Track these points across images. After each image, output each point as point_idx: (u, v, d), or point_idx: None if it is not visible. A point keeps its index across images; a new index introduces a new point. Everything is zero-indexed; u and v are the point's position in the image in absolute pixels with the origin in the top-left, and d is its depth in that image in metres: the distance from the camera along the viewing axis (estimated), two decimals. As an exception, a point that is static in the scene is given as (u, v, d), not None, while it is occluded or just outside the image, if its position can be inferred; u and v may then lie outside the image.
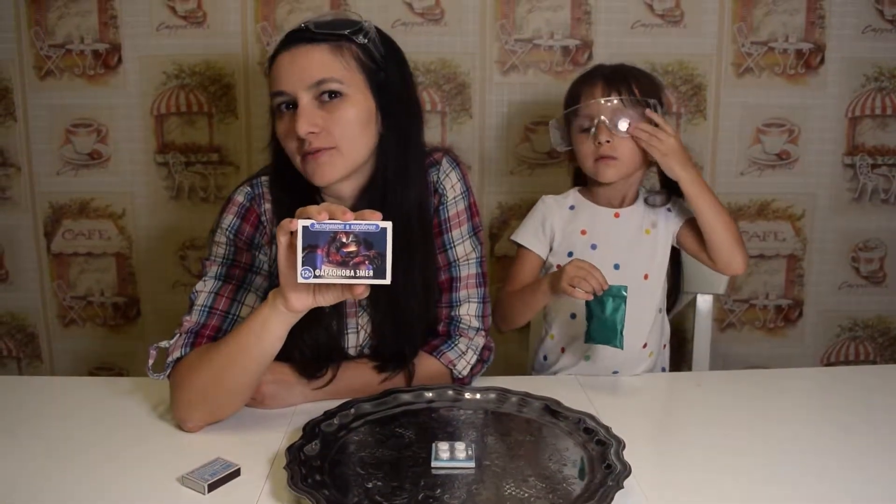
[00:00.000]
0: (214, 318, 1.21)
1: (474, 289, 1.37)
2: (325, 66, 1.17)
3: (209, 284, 1.23)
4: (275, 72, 1.19)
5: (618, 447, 1.03)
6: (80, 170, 1.99)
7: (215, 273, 1.24)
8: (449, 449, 1.02)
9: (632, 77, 1.43)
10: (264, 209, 1.27)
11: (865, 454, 1.09)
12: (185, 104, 1.95)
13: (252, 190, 1.28)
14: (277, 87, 1.19)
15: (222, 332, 1.20)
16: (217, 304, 1.22)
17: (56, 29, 1.91)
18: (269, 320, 1.06)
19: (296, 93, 1.17)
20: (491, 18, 1.91)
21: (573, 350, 1.49)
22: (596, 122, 1.40)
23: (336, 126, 1.18)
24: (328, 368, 1.24)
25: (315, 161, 1.18)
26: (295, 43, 1.18)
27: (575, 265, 1.29)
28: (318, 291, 1.03)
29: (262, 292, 1.25)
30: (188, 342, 1.18)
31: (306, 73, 1.16)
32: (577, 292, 1.27)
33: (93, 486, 1.00)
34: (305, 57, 1.17)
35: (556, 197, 1.54)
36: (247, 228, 1.26)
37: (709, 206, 1.39)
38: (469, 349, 1.34)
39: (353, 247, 0.94)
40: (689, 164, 1.39)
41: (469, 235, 1.36)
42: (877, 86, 1.97)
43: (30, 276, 2.06)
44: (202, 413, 1.14)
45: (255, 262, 1.25)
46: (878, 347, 2.13)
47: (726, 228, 1.40)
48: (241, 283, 1.23)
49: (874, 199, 2.04)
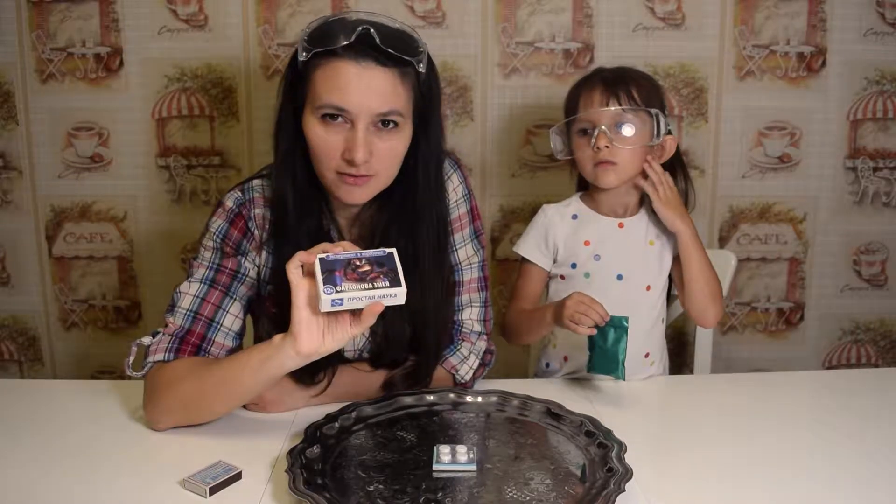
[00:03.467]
0: (199, 324, 1.20)
1: (476, 293, 1.36)
2: (395, 97, 1.13)
3: (194, 288, 1.22)
4: (333, 80, 1.12)
5: (619, 450, 1.03)
6: (82, 173, 1.99)
7: (202, 276, 1.23)
8: (450, 452, 1.02)
9: (632, 81, 1.42)
10: (253, 214, 1.25)
11: (868, 457, 1.09)
12: (186, 107, 1.95)
13: (242, 195, 1.26)
14: (338, 101, 1.11)
15: (207, 341, 1.20)
16: (202, 310, 1.21)
17: (58, 32, 1.92)
18: (270, 361, 1.06)
19: (359, 115, 1.12)
20: (492, 21, 1.92)
21: (575, 359, 1.49)
22: (596, 130, 1.40)
23: (385, 156, 1.16)
24: (325, 373, 1.24)
25: (354, 184, 1.16)
26: (363, 57, 1.11)
27: (575, 300, 1.28)
28: (328, 333, 1.03)
29: (245, 301, 1.25)
30: (173, 347, 1.18)
31: (375, 101, 1.12)
32: (579, 329, 1.26)
33: (94, 489, 1.00)
34: (377, 81, 1.12)
35: (557, 206, 1.52)
36: (234, 234, 1.24)
37: (698, 261, 1.41)
38: (471, 353, 1.34)
39: (367, 266, 1.00)
40: (687, 217, 1.42)
41: (470, 239, 1.36)
42: (878, 89, 1.97)
43: (31, 280, 2.06)
44: (176, 419, 1.15)
45: (241, 269, 1.24)
46: (879, 350, 2.13)
47: (707, 285, 1.42)
48: (227, 290, 1.23)
49: (875, 203, 2.04)
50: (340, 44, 1.10)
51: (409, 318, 1.26)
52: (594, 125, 1.40)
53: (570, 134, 1.46)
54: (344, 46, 1.11)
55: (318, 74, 1.13)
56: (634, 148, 1.40)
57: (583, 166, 1.45)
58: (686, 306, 1.46)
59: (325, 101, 1.12)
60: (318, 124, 1.15)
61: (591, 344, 1.29)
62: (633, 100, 1.40)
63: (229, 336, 1.22)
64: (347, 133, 1.13)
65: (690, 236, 1.41)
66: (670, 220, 1.41)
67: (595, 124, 1.40)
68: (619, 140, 1.39)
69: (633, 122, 1.40)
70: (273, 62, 1.92)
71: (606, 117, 1.39)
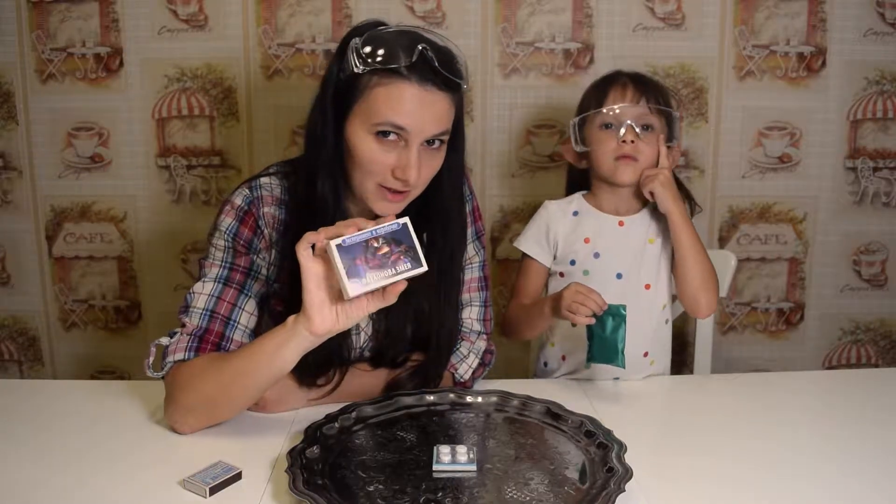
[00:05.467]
0: (217, 322, 1.19)
1: (476, 292, 1.37)
2: (448, 119, 1.16)
3: (209, 287, 1.21)
4: (397, 100, 1.11)
5: (619, 450, 1.03)
6: (82, 173, 1.99)
7: (215, 275, 1.22)
8: (450, 452, 1.02)
9: (655, 84, 1.47)
10: (263, 213, 1.24)
11: (868, 457, 1.09)
12: (186, 107, 1.95)
13: (251, 193, 1.25)
14: (401, 121, 1.11)
15: (225, 339, 1.19)
16: (219, 309, 1.20)
17: (58, 32, 1.92)
18: (287, 344, 1.07)
19: (416, 137, 1.12)
20: (492, 22, 1.92)
21: (574, 357, 1.49)
22: (623, 126, 1.41)
23: (427, 174, 1.17)
24: (330, 374, 1.24)
25: (394, 200, 1.17)
26: (426, 81, 1.11)
27: (572, 290, 1.28)
28: (342, 312, 1.04)
29: (259, 298, 1.24)
30: (193, 346, 1.17)
31: (432, 124, 1.13)
32: (577, 318, 1.26)
33: (94, 490, 1.00)
34: (437, 105, 1.13)
35: (559, 202, 1.53)
36: (245, 232, 1.23)
37: (688, 242, 1.40)
38: (471, 353, 1.34)
39: (386, 248, 1.00)
40: (679, 199, 1.42)
41: (471, 240, 1.36)
42: (878, 89, 1.97)
43: (31, 280, 2.06)
44: (200, 418, 1.15)
45: (254, 266, 1.24)
46: (879, 350, 2.13)
47: (699, 269, 1.41)
48: (241, 288, 1.22)
49: (875, 203, 2.04)
50: (403, 63, 1.10)
51: (423, 316, 1.27)
52: (619, 120, 1.41)
53: (588, 129, 1.46)
54: (408, 67, 1.11)
55: (378, 92, 1.12)
56: (653, 148, 1.42)
57: (602, 160, 1.44)
58: (681, 293, 1.45)
59: (385, 118, 1.12)
60: (371, 139, 1.14)
61: (589, 333, 1.29)
62: (660, 103, 1.43)
63: (246, 333, 1.22)
64: (401, 151, 1.13)
65: (681, 215, 1.40)
66: (664, 200, 1.40)
67: (622, 119, 1.41)
68: (645, 136, 1.41)
69: (657, 122, 1.43)
70: (273, 62, 1.92)
71: (635, 113, 1.41)
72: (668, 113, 1.44)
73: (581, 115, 1.47)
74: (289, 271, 1.21)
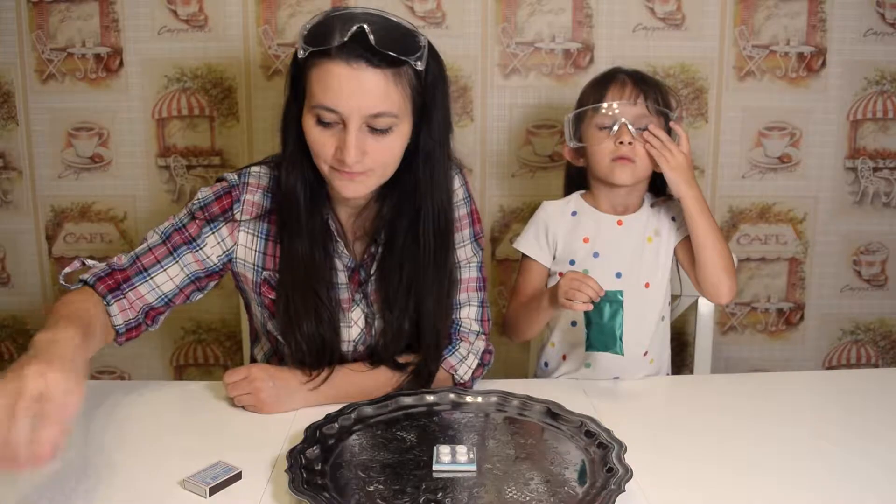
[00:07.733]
0: (133, 268, 1.23)
1: (474, 292, 1.37)
2: (387, 98, 1.12)
3: (152, 238, 1.26)
4: (325, 81, 1.11)
5: (619, 450, 1.03)
6: (82, 173, 1.99)
7: (162, 230, 1.27)
8: (450, 452, 1.02)
9: (656, 86, 1.45)
10: (244, 199, 1.28)
11: (868, 457, 1.09)
12: (186, 107, 1.95)
13: (239, 178, 1.29)
14: (329, 102, 1.11)
15: (129, 284, 1.22)
16: (143, 258, 1.24)
17: (58, 32, 1.92)
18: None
19: (350, 117, 1.12)
20: (492, 22, 1.92)
21: (574, 357, 1.49)
22: (617, 124, 1.40)
23: (378, 155, 1.16)
24: (324, 367, 1.25)
25: (349, 178, 1.17)
26: (355, 58, 1.09)
27: (568, 277, 1.29)
28: None
29: (189, 272, 1.26)
30: (100, 274, 1.21)
31: (365, 103, 1.11)
32: (574, 305, 1.26)
33: (94, 490, 1.00)
34: (368, 83, 1.10)
35: (557, 203, 1.53)
36: (214, 207, 1.27)
37: (706, 226, 1.39)
38: (470, 353, 1.34)
39: None
40: (694, 183, 1.39)
41: (470, 241, 1.36)
42: (878, 89, 1.97)
43: (31, 280, 2.06)
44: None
45: (198, 239, 1.26)
46: (879, 351, 2.13)
47: (718, 253, 1.39)
48: (173, 250, 1.25)
49: (875, 203, 2.04)
50: (334, 44, 1.09)
51: (411, 312, 1.27)
52: (616, 119, 1.40)
53: (585, 127, 1.45)
54: (337, 47, 1.10)
55: (312, 74, 1.13)
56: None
57: (598, 161, 1.43)
58: (701, 281, 1.43)
59: (318, 101, 1.13)
60: (313, 123, 1.16)
61: (587, 321, 1.29)
62: (658, 102, 1.42)
63: (154, 293, 1.24)
64: (340, 133, 1.14)
65: (695, 200, 1.38)
66: (675, 185, 1.38)
67: (618, 117, 1.40)
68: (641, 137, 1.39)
69: (656, 122, 1.41)
70: (273, 62, 1.92)
71: (632, 113, 1.40)
72: (667, 113, 1.43)
73: (577, 111, 1.46)
74: (275, 258, 1.27)
